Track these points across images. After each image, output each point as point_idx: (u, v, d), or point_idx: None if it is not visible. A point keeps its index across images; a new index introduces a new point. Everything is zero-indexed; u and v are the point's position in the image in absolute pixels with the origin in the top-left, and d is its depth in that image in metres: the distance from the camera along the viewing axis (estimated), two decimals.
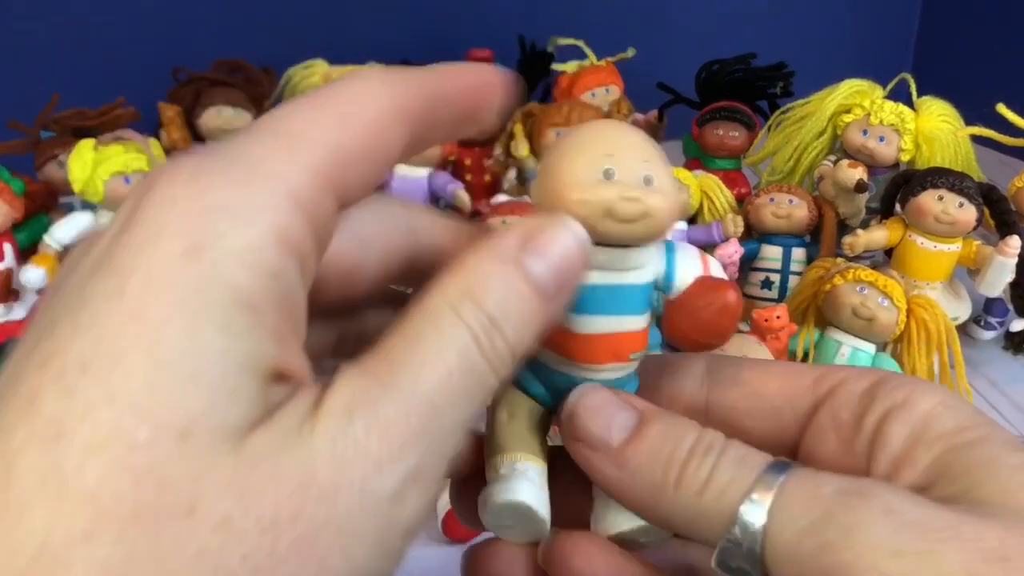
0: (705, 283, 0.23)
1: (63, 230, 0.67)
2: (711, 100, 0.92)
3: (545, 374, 0.23)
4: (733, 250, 0.71)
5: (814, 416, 0.23)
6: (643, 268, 0.22)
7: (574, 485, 0.23)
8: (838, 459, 0.22)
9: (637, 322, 0.23)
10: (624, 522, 0.22)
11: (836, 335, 0.62)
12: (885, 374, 0.22)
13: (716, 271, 0.23)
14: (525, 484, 0.22)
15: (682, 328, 0.23)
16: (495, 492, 0.22)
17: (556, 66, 0.99)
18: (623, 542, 0.23)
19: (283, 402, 0.16)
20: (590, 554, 0.22)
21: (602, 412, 0.22)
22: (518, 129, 0.82)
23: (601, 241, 0.21)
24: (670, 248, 0.23)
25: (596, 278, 0.22)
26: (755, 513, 0.18)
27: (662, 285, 0.23)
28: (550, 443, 0.24)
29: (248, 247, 0.16)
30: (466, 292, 0.18)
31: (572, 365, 0.23)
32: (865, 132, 0.75)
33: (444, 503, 0.50)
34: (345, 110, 0.19)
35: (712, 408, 0.24)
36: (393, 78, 0.20)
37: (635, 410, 0.22)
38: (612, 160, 0.21)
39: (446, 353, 0.18)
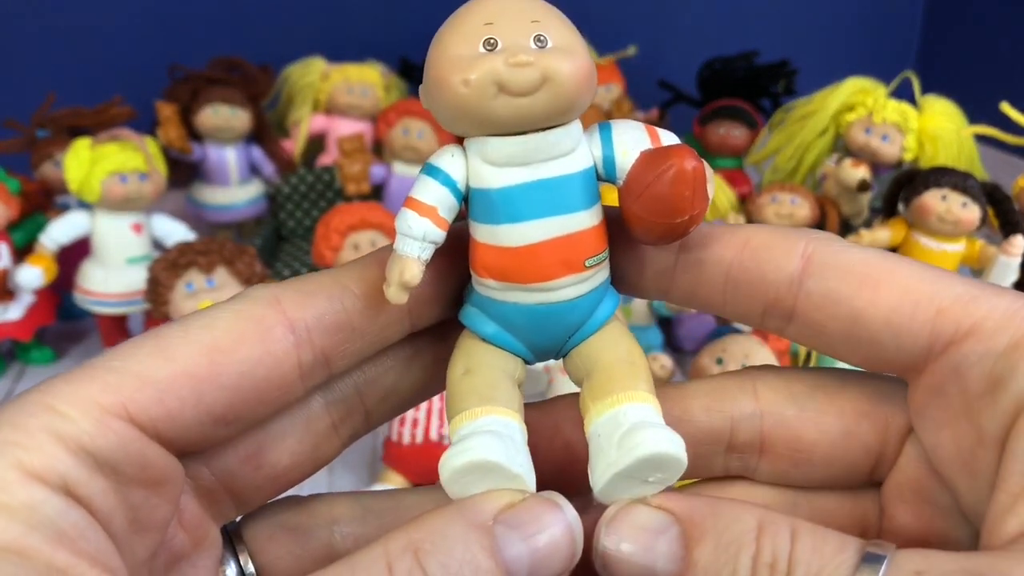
0: (652, 152, 0.19)
1: (59, 229, 0.66)
2: (713, 98, 0.91)
3: (495, 309, 0.20)
4: None
5: (929, 365, 0.18)
6: (573, 153, 0.19)
7: (572, 437, 0.20)
8: (955, 436, 0.18)
9: (583, 219, 0.19)
10: (622, 490, 0.18)
11: None
12: None
13: (670, 142, 0.19)
14: (487, 439, 0.18)
15: (636, 213, 0.18)
16: (449, 457, 0.18)
17: None
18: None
19: None
20: None
21: (639, 547, 0.18)
22: None
23: (507, 130, 0.18)
24: (605, 127, 0.20)
25: (519, 175, 0.19)
26: None
27: (603, 171, 0.19)
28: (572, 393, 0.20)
29: None
30: (410, 545, 0.16)
31: (521, 290, 0.19)
32: (868, 131, 0.75)
33: None
34: (174, 340, 0.18)
35: (800, 314, 0.19)
36: (279, 294, 0.19)
37: (674, 526, 0.18)
38: (493, 28, 0.18)
39: None
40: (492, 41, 0.18)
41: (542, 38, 0.18)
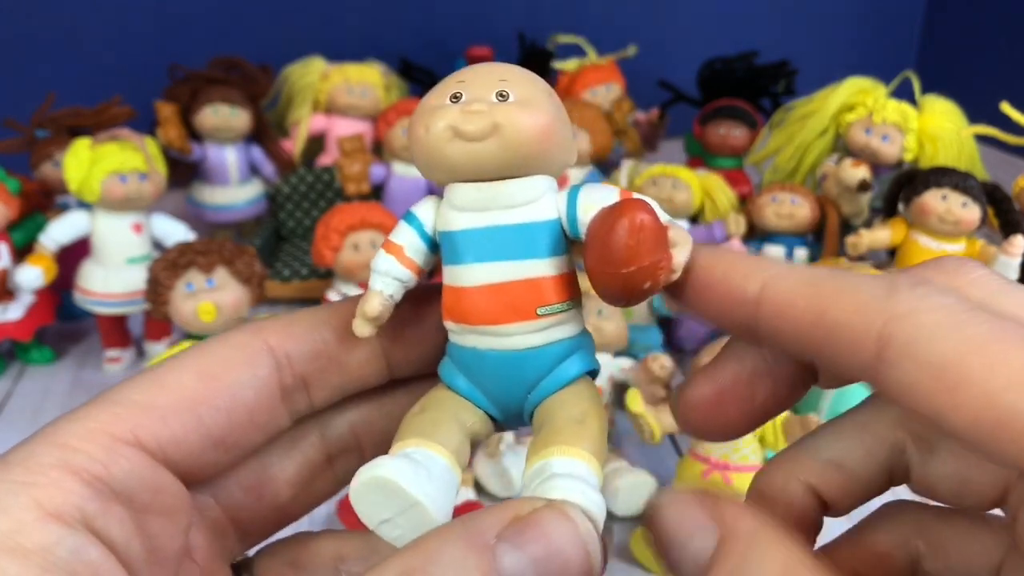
0: (608, 206, 0.19)
1: (59, 229, 0.67)
2: (713, 98, 0.91)
3: (460, 357, 0.20)
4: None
5: (1011, 491, 0.18)
6: (533, 204, 0.20)
7: None
8: None
9: (538, 267, 0.19)
10: None
11: None
12: None
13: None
14: (397, 461, 0.18)
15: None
16: (356, 474, 0.18)
17: (556, 64, 0.98)
18: None
19: None
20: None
21: (679, 532, 0.17)
22: None
23: (465, 175, 0.19)
24: (575, 188, 0.20)
25: (477, 220, 0.19)
26: None
27: (569, 230, 0.20)
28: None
29: (8, 531, 0.16)
30: (404, 573, 0.15)
31: (473, 332, 0.20)
32: (868, 131, 0.75)
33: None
34: (168, 370, 0.19)
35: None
36: (264, 327, 0.20)
37: (713, 528, 0.17)
38: (462, 85, 0.19)
39: None
40: (457, 95, 0.19)
41: (504, 93, 0.19)
